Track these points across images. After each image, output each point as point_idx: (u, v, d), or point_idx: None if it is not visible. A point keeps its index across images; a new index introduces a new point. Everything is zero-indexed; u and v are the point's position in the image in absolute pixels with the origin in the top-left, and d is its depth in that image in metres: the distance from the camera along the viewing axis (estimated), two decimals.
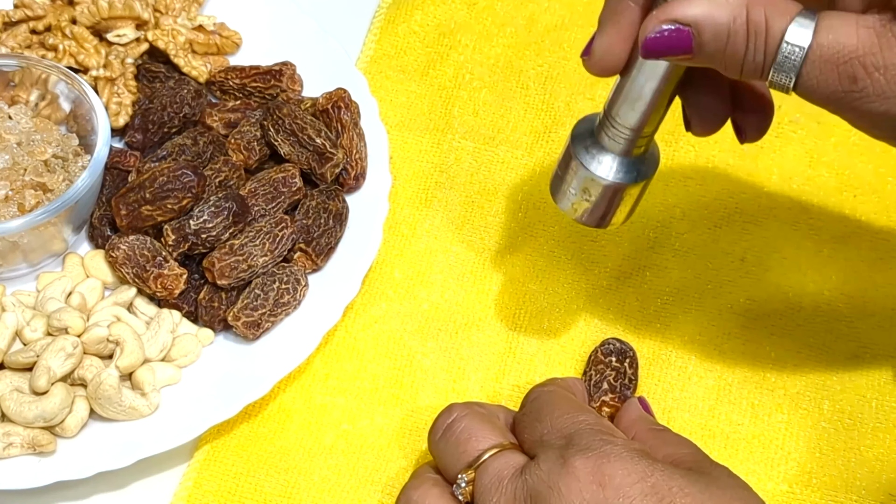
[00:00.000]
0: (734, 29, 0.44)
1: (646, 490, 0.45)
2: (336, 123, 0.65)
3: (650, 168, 0.52)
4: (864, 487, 0.57)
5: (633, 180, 0.51)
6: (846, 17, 0.43)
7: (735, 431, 0.59)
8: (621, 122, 0.50)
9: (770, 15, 0.43)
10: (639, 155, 0.51)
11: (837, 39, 0.43)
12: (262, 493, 0.56)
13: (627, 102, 0.49)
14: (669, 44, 0.45)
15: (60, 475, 0.55)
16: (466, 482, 0.48)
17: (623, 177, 0.51)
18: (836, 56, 0.43)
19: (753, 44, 0.44)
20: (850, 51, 0.43)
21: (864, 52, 0.42)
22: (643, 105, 0.49)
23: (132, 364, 0.57)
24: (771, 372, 0.60)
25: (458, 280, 0.64)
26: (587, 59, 0.49)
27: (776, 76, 0.44)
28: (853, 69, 0.43)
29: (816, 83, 0.44)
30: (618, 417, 0.55)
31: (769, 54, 0.44)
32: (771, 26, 0.43)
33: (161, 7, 0.69)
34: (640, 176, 0.51)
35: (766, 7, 0.43)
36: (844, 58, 0.43)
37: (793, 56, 0.43)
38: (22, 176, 0.61)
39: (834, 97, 0.44)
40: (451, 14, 0.75)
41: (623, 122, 0.50)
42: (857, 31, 0.43)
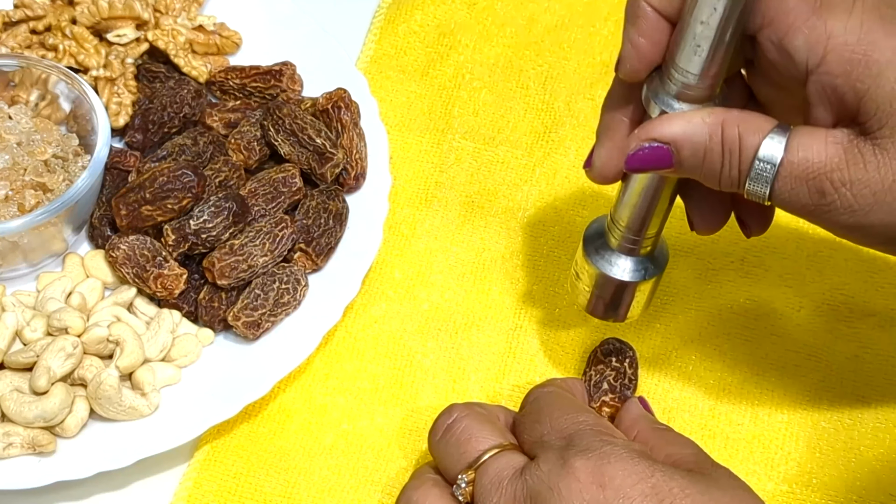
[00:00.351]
0: (710, 147, 0.46)
1: (646, 491, 0.45)
2: (336, 123, 0.65)
3: (659, 266, 0.54)
4: (864, 487, 0.57)
5: (642, 278, 0.53)
6: (816, 133, 0.45)
7: (735, 431, 0.59)
8: (625, 225, 0.52)
9: (744, 132, 0.45)
10: (646, 254, 0.53)
11: (806, 156, 0.45)
12: (262, 493, 0.56)
13: (628, 207, 0.51)
14: (650, 160, 0.47)
15: (60, 475, 0.55)
16: (466, 482, 0.48)
17: (634, 276, 0.53)
18: (805, 172, 0.45)
19: (728, 160, 0.46)
20: (818, 167, 0.45)
21: (832, 168, 0.44)
22: (643, 209, 0.51)
23: (132, 364, 0.57)
24: (771, 372, 0.60)
25: (458, 280, 0.64)
26: (589, 171, 0.52)
27: (752, 188, 0.46)
28: (821, 184, 0.45)
29: (788, 196, 0.46)
30: (619, 417, 0.55)
31: (743, 170, 0.46)
32: (744, 144, 0.45)
33: (161, 7, 0.69)
34: (649, 274, 0.53)
35: (740, 125, 0.45)
36: (813, 174, 0.45)
37: (765, 172, 0.45)
38: (22, 176, 0.61)
39: (805, 209, 0.46)
40: (451, 14, 0.75)
41: (627, 226, 0.52)
42: (825, 148, 0.44)
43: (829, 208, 0.45)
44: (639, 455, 0.46)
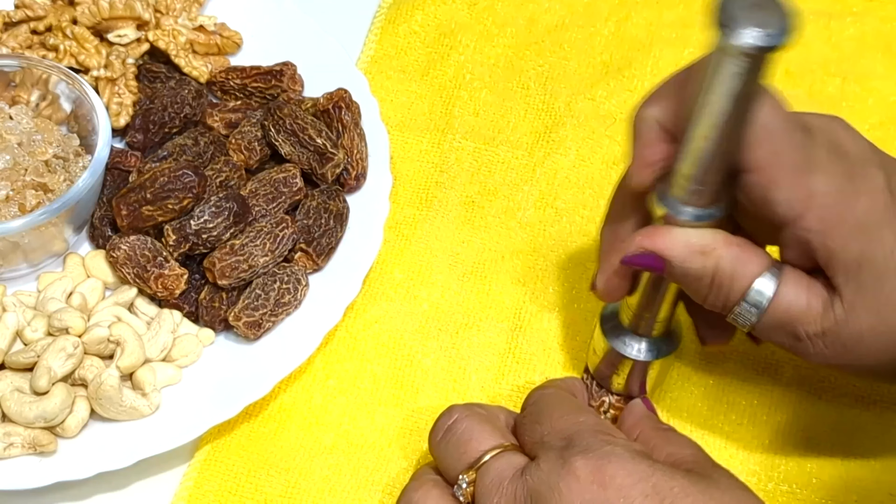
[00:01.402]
0: (701, 275, 0.49)
1: (647, 490, 0.45)
2: (337, 123, 0.65)
3: (673, 345, 0.56)
4: (864, 487, 0.57)
5: (656, 357, 0.56)
6: (800, 285, 0.49)
7: (735, 431, 0.59)
8: (638, 312, 0.54)
9: (736, 273, 0.49)
10: (658, 336, 0.55)
11: (788, 307, 0.49)
12: (263, 493, 0.56)
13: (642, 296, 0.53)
14: (644, 264, 0.50)
15: (61, 475, 0.55)
16: (467, 483, 0.48)
17: (648, 355, 0.56)
18: (784, 321, 0.49)
19: (716, 294, 0.49)
20: (797, 318, 0.49)
21: (808, 321, 0.48)
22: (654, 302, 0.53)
23: (133, 364, 0.57)
24: (770, 372, 0.60)
25: (458, 280, 0.64)
26: (595, 292, 0.54)
27: (734, 319, 0.50)
28: (797, 332, 0.49)
29: (769, 335, 0.50)
30: (622, 418, 0.55)
31: (729, 306, 0.50)
32: (735, 285, 0.49)
33: (162, 7, 0.69)
34: (663, 353, 0.56)
35: (735, 266, 0.49)
36: (791, 323, 0.49)
37: (748, 314, 0.49)
38: (23, 176, 0.61)
39: (782, 346, 0.50)
40: (452, 14, 0.75)
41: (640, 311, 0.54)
42: (807, 302, 0.48)
43: (804, 351, 0.49)
44: (639, 455, 0.46)
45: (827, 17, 0.75)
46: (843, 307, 0.48)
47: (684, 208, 0.48)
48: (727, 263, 0.48)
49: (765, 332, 0.50)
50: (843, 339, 0.48)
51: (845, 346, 0.48)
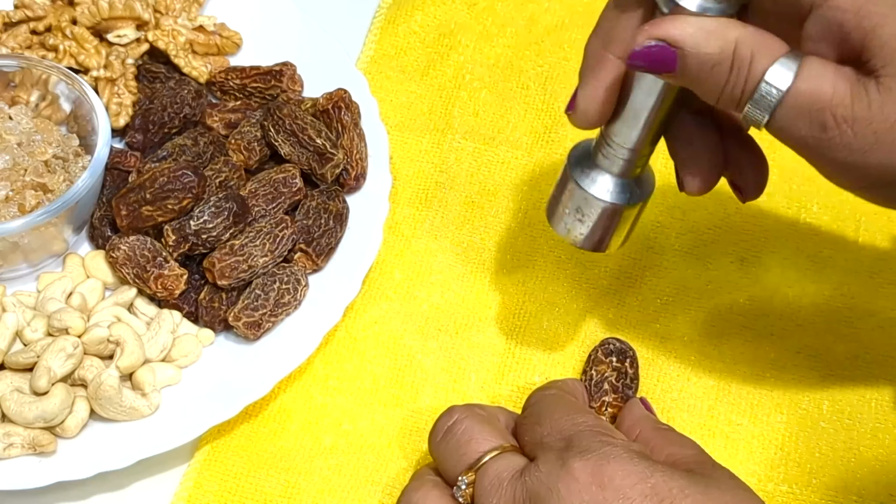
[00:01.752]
0: (719, 61, 0.45)
1: (646, 491, 0.45)
2: (336, 124, 0.65)
3: (646, 190, 0.52)
4: (863, 487, 0.57)
5: (628, 201, 0.51)
6: (827, 66, 0.44)
7: (734, 431, 0.59)
8: (617, 142, 0.50)
9: (756, 53, 0.44)
10: (635, 177, 0.51)
11: (814, 87, 0.44)
12: (263, 493, 0.56)
13: (623, 121, 0.49)
14: (654, 59, 0.45)
15: (61, 475, 0.55)
16: (467, 484, 0.48)
17: (619, 197, 0.51)
18: (810, 103, 0.44)
19: (735, 79, 0.45)
20: (824, 100, 0.44)
21: (837, 103, 0.44)
22: (638, 123, 0.49)
23: (132, 364, 0.57)
24: (770, 372, 0.60)
25: (458, 280, 0.64)
26: (572, 114, 0.50)
27: (751, 111, 0.45)
28: (824, 118, 0.44)
29: (788, 125, 0.45)
30: (620, 417, 0.55)
31: (748, 91, 0.45)
32: (754, 65, 0.44)
33: (161, 7, 0.69)
34: (636, 197, 0.51)
35: (754, 45, 0.44)
36: (818, 106, 0.44)
37: (769, 97, 0.44)
38: (22, 176, 0.61)
39: (803, 141, 0.45)
40: (452, 14, 0.75)
41: (619, 140, 0.50)
42: (834, 81, 0.44)
43: (829, 143, 0.44)
44: (638, 456, 0.46)
45: None
46: (878, 91, 0.43)
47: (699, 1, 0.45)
48: (746, 43, 0.44)
49: (786, 122, 0.45)
50: (875, 128, 0.43)
51: (877, 135, 0.43)
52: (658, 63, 0.45)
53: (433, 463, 0.52)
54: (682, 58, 0.45)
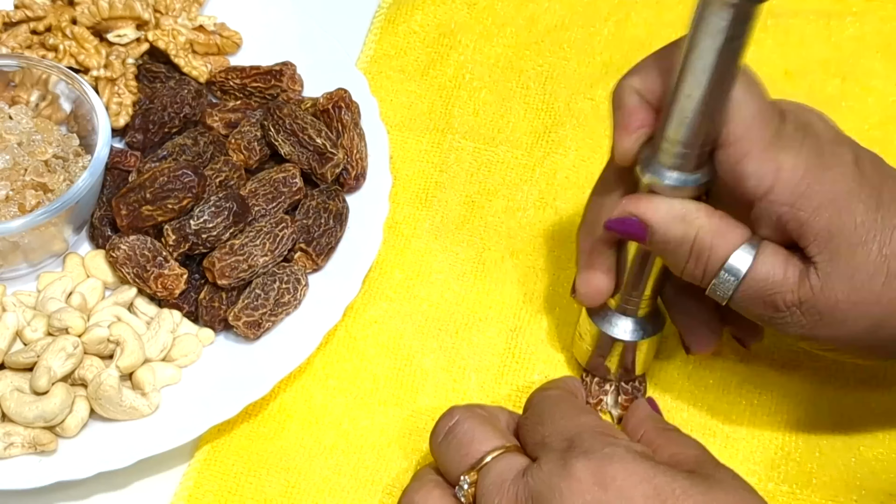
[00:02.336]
0: (681, 243, 0.50)
1: (648, 492, 0.45)
2: (336, 123, 0.65)
3: (657, 326, 0.57)
4: (864, 487, 0.57)
5: (639, 338, 0.56)
6: (777, 255, 0.49)
7: (735, 431, 0.59)
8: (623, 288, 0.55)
9: (715, 243, 0.49)
10: (644, 315, 0.56)
11: (766, 277, 0.49)
12: (262, 493, 0.56)
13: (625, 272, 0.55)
14: (626, 229, 0.51)
15: (61, 475, 0.55)
16: (469, 484, 0.48)
17: (630, 335, 0.56)
18: (762, 291, 0.49)
19: (694, 262, 0.50)
20: (775, 288, 0.49)
21: (786, 290, 0.49)
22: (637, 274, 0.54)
23: (132, 364, 0.57)
24: (770, 372, 0.60)
25: (458, 280, 0.64)
26: (576, 297, 0.56)
27: (713, 291, 0.50)
28: (776, 302, 0.49)
29: (746, 306, 0.50)
30: (626, 417, 0.56)
31: (708, 275, 0.50)
32: (714, 253, 0.49)
33: (161, 7, 0.69)
34: (646, 334, 0.56)
35: (714, 235, 0.49)
36: (769, 292, 0.49)
37: (727, 283, 0.50)
38: (22, 176, 0.61)
39: (760, 319, 0.51)
40: (452, 14, 0.75)
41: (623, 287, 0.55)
42: (784, 271, 0.49)
43: (781, 322, 0.50)
44: (641, 456, 0.46)
45: (827, 17, 0.75)
46: (818, 276, 0.48)
47: (670, 174, 0.49)
48: (707, 233, 0.49)
49: (744, 304, 0.50)
50: (819, 308, 0.48)
51: (822, 315, 0.48)
52: (630, 233, 0.51)
53: (434, 463, 0.52)
54: (650, 233, 0.50)
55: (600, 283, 0.55)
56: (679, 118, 0.47)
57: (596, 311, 0.57)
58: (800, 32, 0.74)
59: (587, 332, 0.57)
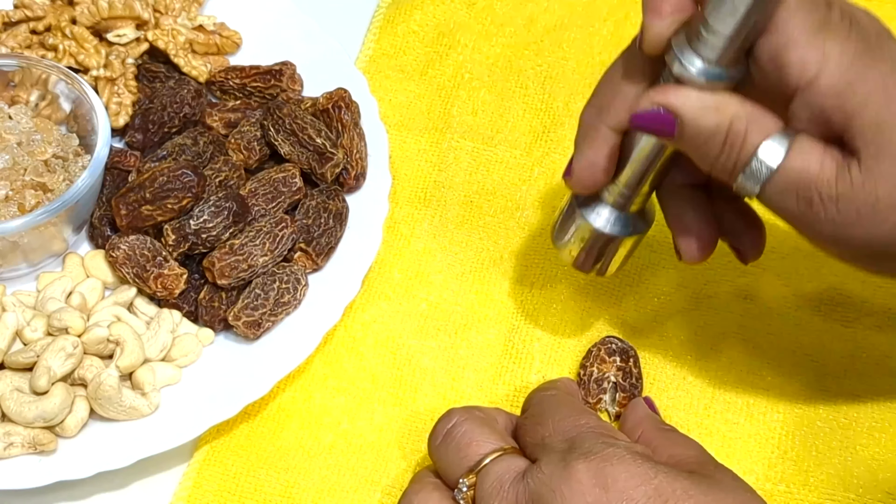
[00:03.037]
0: (714, 134, 0.47)
1: (649, 493, 0.45)
2: (336, 123, 0.65)
3: (645, 224, 0.55)
4: (861, 486, 0.57)
5: (626, 234, 0.54)
6: (814, 147, 0.46)
7: (731, 430, 0.59)
8: (618, 183, 0.53)
9: (750, 130, 0.47)
10: (635, 211, 0.54)
11: (802, 167, 0.46)
12: (262, 493, 0.56)
13: (623, 169, 0.52)
14: (655, 124, 0.48)
15: (61, 475, 0.55)
16: (468, 486, 0.48)
17: (618, 230, 0.54)
18: (797, 181, 0.47)
19: (728, 152, 0.47)
20: (811, 179, 0.46)
21: (823, 183, 0.46)
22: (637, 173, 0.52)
23: (132, 364, 0.57)
24: (767, 371, 0.61)
25: (457, 280, 0.64)
26: (568, 179, 0.53)
27: (742, 184, 0.48)
28: (810, 195, 0.46)
29: (777, 200, 0.48)
30: (623, 417, 0.56)
31: (739, 165, 0.47)
32: (747, 141, 0.47)
33: (161, 7, 0.69)
34: (634, 230, 0.54)
35: (749, 122, 0.47)
36: (805, 184, 0.46)
37: (760, 172, 0.47)
38: (22, 176, 0.61)
39: (791, 214, 0.48)
40: (451, 14, 0.75)
41: (619, 182, 0.53)
42: (821, 162, 0.46)
43: (815, 218, 0.47)
44: (641, 457, 0.46)
45: None
46: (860, 170, 0.45)
47: (706, 66, 0.47)
48: (742, 119, 0.47)
49: (775, 196, 0.47)
50: (857, 205, 0.46)
51: (859, 212, 0.46)
52: (658, 127, 0.48)
53: (432, 465, 0.52)
54: (680, 126, 0.47)
55: (599, 168, 0.52)
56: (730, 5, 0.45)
57: (583, 199, 0.54)
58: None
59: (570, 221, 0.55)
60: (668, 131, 0.48)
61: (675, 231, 0.55)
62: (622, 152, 0.52)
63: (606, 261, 0.56)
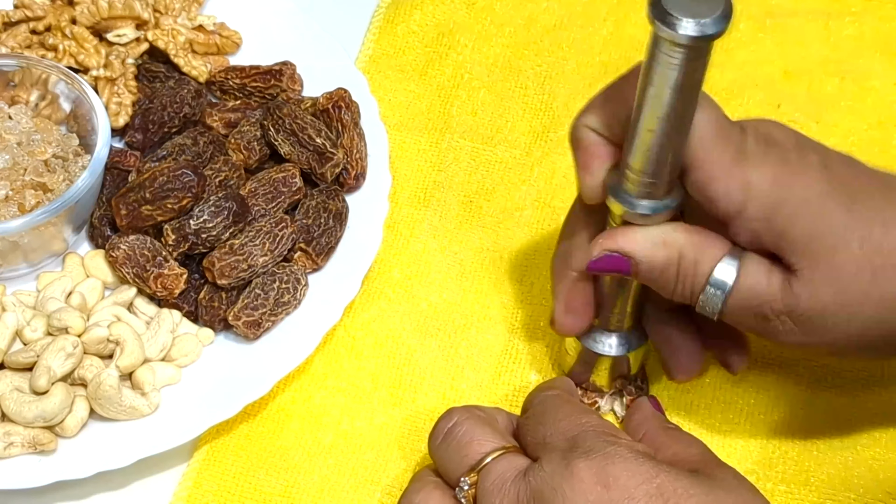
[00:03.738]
0: (666, 268, 0.50)
1: (651, 491, 0.45)
2: (336, 123, 0.65)
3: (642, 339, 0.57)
4: (861, 486, 0.57)
5: (626, 351, 0.57)
6: (761, 265, 0.49)
7: (732, 430, 0.59)
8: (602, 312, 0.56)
9: (699, 259, 0.49)
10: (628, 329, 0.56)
11: (752, 288, 0.49)
12: (262, 493, 0.56)
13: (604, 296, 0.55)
14: (610, 267, 0.51)
15: (60, 475, 0.55)
16: (469, 485, 0.48)
17: (617, 350, 0.57)
18: (749, 301, 0.49)
19: (682, 282, 0.50)
20: (762, 298, 0.49)
21: (772, 299, 0.49)
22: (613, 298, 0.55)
23: (132, 364, 0.57)
24: (767, 371, 0.60)
25: (456, 279, 0.64)
26: (555, 328, 0.56)
27: (703, 307, 0.50)
28: (764, 311, 0.49)
29: (737, 318, 0.50)
30: (628, 416, 0.56)
31: (696, 292, 0.50)
32: (699, 269, 0.50)
33: (161, 7, 0.69)
34: (632, 347, 0.57)
35: (696, 251, 0.49)
36: (757, 303, 0.49)
37: (716, 297, 0.50)
38: (22, 176, 0.61)
39: (753, 330, 0.51)
40: (450, 14, 0.75)
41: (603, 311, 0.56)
42: (768, 281, 0.49)
43: (774, 331, 0.50)
44: (643, 456, 0.46)
45: (825, 17, 0.75)
46: (801, 283, 0.48)
47: (640, 202, 0.49)
48: (689, 250, 0.49)
49: (734, 316, 0.50)
50: (808, 315, 0.48)
51: (812, 321, 0.48)
52: (614, 269, 0.51)
53: (433, 464, 0.52)
54: (634, 265, 0.50)
55: (576, 314, 0.55)
56: (642, 151, 0.47)
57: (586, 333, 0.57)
58: (799, 32, 0.74)
59: (573, 349, 0.58)
60: (624, 270, 0.51)
61: (663, 352, 0.57)
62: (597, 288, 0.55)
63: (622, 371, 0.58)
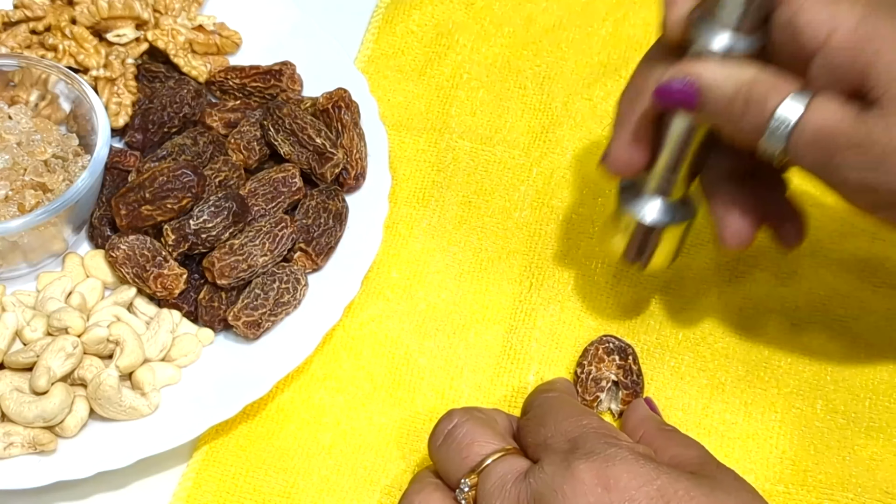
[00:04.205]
0: (734, 97, 0.49)
1: (651, 493, 0.45)
2: (336, 123, 0.65)
3: (688, 213, 0.55)
4: (859, 486, 0.57)
5: (667, 222, 0.55)
6: (832, 100, 0.48)
7: (729, 430, 0.59)
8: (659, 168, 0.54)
9: (769, 91, 0.48)
10: (677, 200, 0.55)
11: (821, 119, 0.48)
12: (262, 493, 0.57)
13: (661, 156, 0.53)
14: (677, 96, 0.50)
15: (60, 475, 0.55)
16: (470, 487, 0.48)
17: (659, 219, 0.55)
18: (817, 134, 0.48)
19: (749, 113, 0.49)
20: (830, 130, 0.47)
21: (842, 131, 0.47)
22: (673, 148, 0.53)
23: (132, 364, 0.57)
24: (765, 371, 0.61)
25: (455, 279, 0.64)
26: (605, 162, 0.55)
27: (766, 145, 0.49)
28: (831, 145, 0.48)
29: (801, 155, 0.49)
30: (625, 417, 0.56)
31: (761, 125, 0.49)
32: (767, 102, 0.48)
33: (161, 7, 0.69)
34: (676, 219, 0.55)
35: (767, 84, 0.48)
36: (825, 135, 0.48)
37: (781, 130, 0.48)
38: (22, 176, 0.61)
39: (816, 168, 0.49)
40: (449, 14, 0.75)
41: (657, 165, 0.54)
42: (839, 113, 0.47)
43: (838, 168, 0.48)
44: (644, 458, 0.46)
45: None
46: (878, 116, 0.47)
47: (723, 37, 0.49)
48: (760, 83, 0.49)
49: (799, 152, 0.49)
50: (878, 149, 0.47)
51: (881, 156, 0.47)
52: (681, 98, 0.50)
53: (433, 466, 0.52)
54: (702, 95, 0.49)
55: (633, 152, 0.54)
56: None
57: (625, 191, 0.55)
58: None
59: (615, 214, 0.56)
60: (691, 102, 0.50)
61: (719, 218, 0.55)
62: (658, 140, 0.53)
63: (650, 252, 0.56)
